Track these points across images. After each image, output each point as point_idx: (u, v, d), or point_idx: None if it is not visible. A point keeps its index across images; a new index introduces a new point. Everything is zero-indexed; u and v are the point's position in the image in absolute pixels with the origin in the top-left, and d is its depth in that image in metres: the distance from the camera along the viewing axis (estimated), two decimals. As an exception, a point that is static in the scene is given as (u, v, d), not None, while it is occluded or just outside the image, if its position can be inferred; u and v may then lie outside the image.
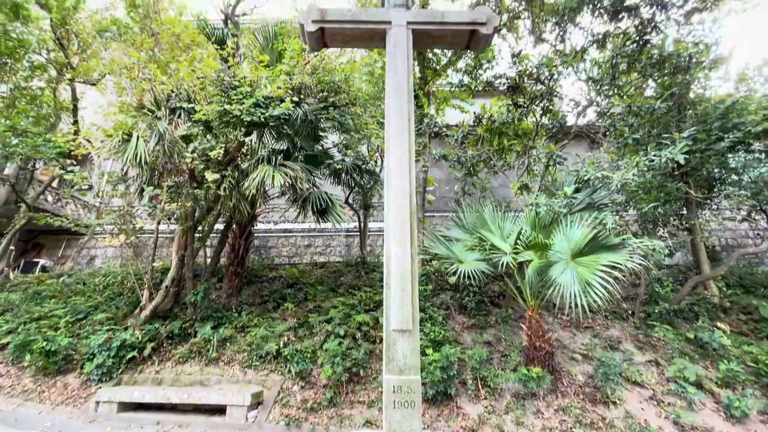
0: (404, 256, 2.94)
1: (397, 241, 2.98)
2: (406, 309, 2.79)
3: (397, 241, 2.98)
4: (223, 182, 6.59)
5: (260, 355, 6.88)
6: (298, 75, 6.69)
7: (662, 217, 7.30)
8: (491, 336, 7.27)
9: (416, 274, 2.96)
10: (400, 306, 2.80)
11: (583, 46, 7.68)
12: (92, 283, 9.97)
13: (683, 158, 5.34)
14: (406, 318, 2.77)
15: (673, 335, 6.91)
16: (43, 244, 14.52)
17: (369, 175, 9.56)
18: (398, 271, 2.90)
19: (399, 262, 2.92)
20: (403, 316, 2.77)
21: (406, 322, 2.76)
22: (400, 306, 2.80)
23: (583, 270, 5.18)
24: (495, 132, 9.19)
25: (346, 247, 13.36)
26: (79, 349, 7.12)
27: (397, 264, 2.93)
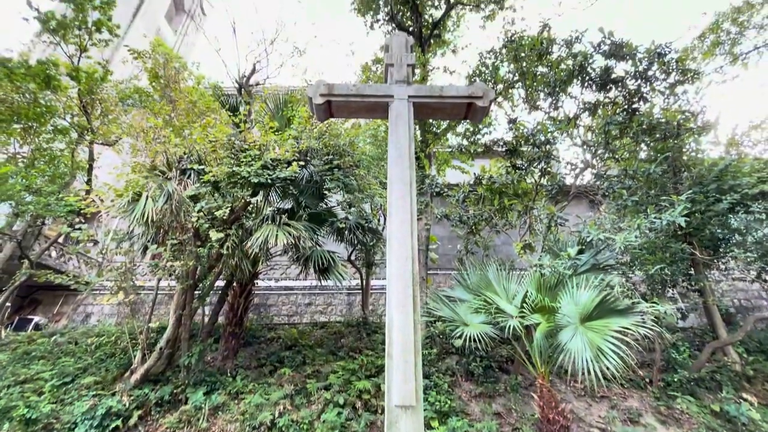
0: (407, 324, 2.85)
1: (400, 308, 2.92)
2: (409, 383, 2.64)
3: (399, 309, 2.91)
4: (227, 241, 6.64)
5: (253, 426, 6.41)
6: (305, 140, 7.03)
7: (670, 278, 7.16)
8: (501, 406, 6.80)
9: (420, 344, 2.85)
10: (403, 379, 2.66)
11: (575, 113, 8.12)
12: (84, 343, 9.63)
13: (684, 221, 5.37)
14: (409, 393, 2.61)
15: (697, 407, 6.44)
16: (40, 300, 14.30)
17: (372, 234, 9.63)
18: (401, 341, 2.80)
19: (402, 331, 2.83)
20: (407, 391, 2.62)
21: (410, 397, 2.60)
22: (403, 379, 2.66)
23: (594, 335, 4.97)
24: (495, 192, 9.38)
25: (348, 305, 13.04)
26: (61, 417, 6.67)
27: (400, 333, 2.83)
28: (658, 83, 7.61)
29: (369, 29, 12.97)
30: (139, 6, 27.36)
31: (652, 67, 7.33)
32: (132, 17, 26.20)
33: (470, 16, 13.43)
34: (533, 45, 8.40)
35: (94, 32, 9.58)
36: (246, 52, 11.53)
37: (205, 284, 8.36)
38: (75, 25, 9.32)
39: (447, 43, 13.32)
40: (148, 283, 10.31)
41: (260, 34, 17.29)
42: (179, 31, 33.93)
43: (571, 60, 8.01)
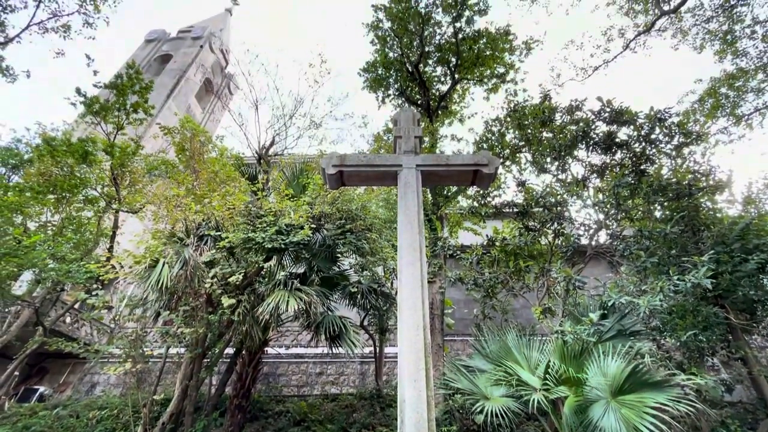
0: (419, 401, 2.68)
1: (412, 382, 2.76)
2: None
3: (411, 383, 2.76)
4: (239, 307, 6.59)
5: None
6: (318, 205, 7.26)
7: (707, 345, 6.63)
8: (532, 498, 6.02)
9: (434, 423, 2.65)
10: None
11: (583, 175, 8.24)
12: (86, 417, 9.24)
13: (710, 283, 5.12)
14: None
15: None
16: (48, 368, 14.05)
17: (385, 298, 9.43)
18: (413, 420, 2.60)
19: (414, 409, 2.65)
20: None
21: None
22: None
23: (629, 412, 4.52)
24: (510, 253, 9.24)
25: (361, 375, 12.36)
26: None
27: (412, 411, 2.65)
28: (663, 145, 7.76)
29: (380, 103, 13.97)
30: (173, 88, 30.41)
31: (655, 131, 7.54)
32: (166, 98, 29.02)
33: (475, 89, 14.40)
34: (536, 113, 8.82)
35: (131, 113, 10.56)
36: (266, 126, 12.60)
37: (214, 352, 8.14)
38: (115, 107, 10.34)
39: (454, 114, 14.15)
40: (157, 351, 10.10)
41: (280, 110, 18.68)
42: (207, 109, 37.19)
43: (574, 126, 8.33)
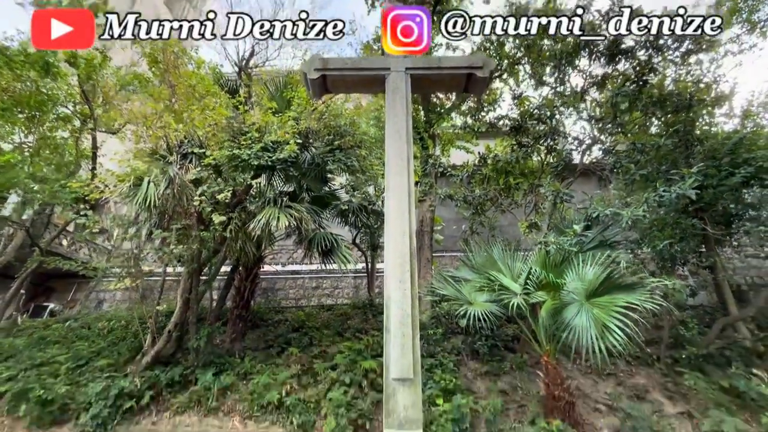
0: (404, 299, 2.82)
1: (397, 283, 2.87)
2: (406, 356, 2.62)
3: (396, 284, 2.87)
4: (230, 224, 6.64)
5: (261, 405, 6.54)
6: (305, 120, 6.92)
7: (680, 254, 7.01)
8: (506, 384, 6.83)
9: (417, 318, 2.82)
10: (401, 353, 2.63)
11: (582, 87, 7.85)
12: (97, 328, 9.87)
13: (694, 194, 5.20)
14: (406, 366, 2.59)
15: (705, 383, 6.37)
16: (54, 287, 14.63)
17: (376, 216, 9.57)
18: (398, 315, 2.76)
19: (399, 306, 2.79)
20: (404, 364, 2.60)
21: (407, 370, 2.58)
22: (401, 353, 2.63)
23: (600, 312, 4.91)
24: (501, 171, 9.21)
25: (354, 288, 13.12)
26: (76, 398, 6.87)
27: (397, 307, 2.79)
28: (671, 53, 7.28)
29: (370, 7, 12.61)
30: (138, -8, 27.09)
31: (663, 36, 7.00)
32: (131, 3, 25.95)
33: (474, -10, 12.95)
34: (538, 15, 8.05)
35: (92, 17, 9.45)
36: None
37: (211, 268, 8.44)
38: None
39: (450, 20, 12.91)
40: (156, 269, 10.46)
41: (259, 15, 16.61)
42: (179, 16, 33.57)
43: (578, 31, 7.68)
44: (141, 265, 7.70)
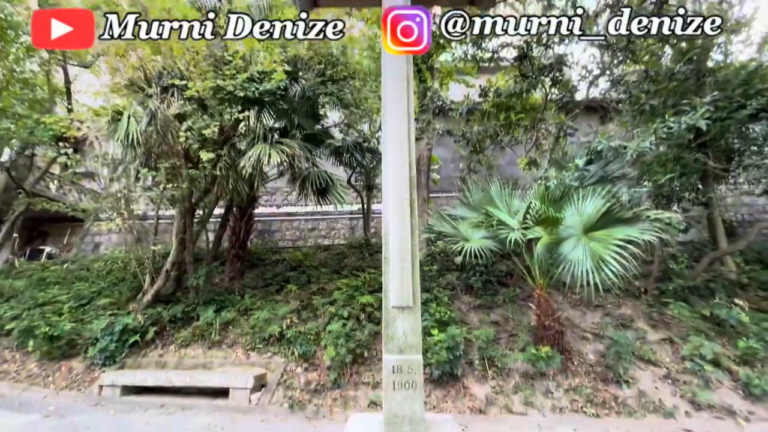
0: (404, 229, 2.71)
1: (397, 213, 2.75)
2: (406, 285, 2.58)
3: (396, 214, 2.75)
4: (219, 162, 6.38)
5: (263, 338, 6.79)
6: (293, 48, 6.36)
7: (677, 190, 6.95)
8: (498, 316, 7.09)
9: (417, 248, 2.74)
10: (400, 282, 2.59)
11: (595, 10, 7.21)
12: (95, 269, 9.95)
13: (705, 124, 4.98)
14: (406, 294, 2.56)
15: (688, 313, 6.66)
16: (48, 231, 14.55)
17: (371, 154, 9.28)
18: (397, 245, 2.68)
19: (398, 236, 2.70)
20: (403, 293, 2.56)
21: (406, 298, 2.55)
22: (400, 282, 2.59)
23: (596, 245, 4.92)
24: (502, 107, 8.79)
25: (350, 229, 13.18)
26: (82, 334, 7.09)
27: (397, 238, 2.70)
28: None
29: None
30: None
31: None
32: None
33: None
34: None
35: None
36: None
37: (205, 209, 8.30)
38: None
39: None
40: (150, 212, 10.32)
41: None
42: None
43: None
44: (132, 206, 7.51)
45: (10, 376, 6.71)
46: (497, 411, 5.31)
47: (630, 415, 5.10)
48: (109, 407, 5.63)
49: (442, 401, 5.54)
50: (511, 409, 5.29)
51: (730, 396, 5.33)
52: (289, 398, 5.67)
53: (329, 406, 5.52)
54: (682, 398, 5.30)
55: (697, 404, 5.17)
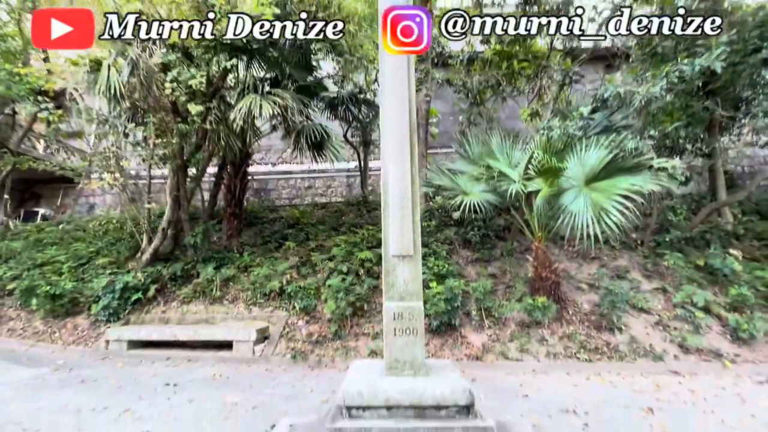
0: (403, 175, 2.59)
1: (396, 159, 2.62)
2: (406, 233, 2.50)
3: (395, 160, 2.62)
4: (209, 115, 6.10)
5: (264, 293, 6.88)
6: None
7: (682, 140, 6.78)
8: (496, 269, 7.17)
9: (417, 195, 2.64)
10: (400, 230, 2.51)
11: None
12: (92, 230, 9.88)
13: (720, 66, 4.72)
14: (406, 242, 2.49)
15: (683, 263, 6.75)
16: (40, 194, 14.32)
17: (368, 107, 8.93)
18: (397, 193, 2.57)
19: (398, 183, 2.58)
20: (403, 241, 2.49)
21: (407, 246, 2.49)
22: (400, 230, 2.51)
23: (598, 196, 4.84)
24: (504, 55, 8.34)
25: (348, 187, 13.04)
26: (84, 292, 7.15)
27: (396, 185, 2.59)
28: None
29: None
30: None
31: None
32: None
33: None
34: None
35: None
36: None
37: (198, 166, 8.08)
38: None
39: None
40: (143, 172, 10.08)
41: None
42: None
43: None
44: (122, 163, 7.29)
45: (17, 333, 6.84)
46: (493, 358, 5.50)
47: (621, 359, 5.30)
48: (116, 360, 5.79)
49: (440, 350, 5.72)
50: (507, 356, 5.47)
51: (718, 340, 5.53)
52: (291, 349, 5.84)
53: (331, 356, 5.70)
54: (671, 343, 5.49)
55: (685, 348, 5.37)
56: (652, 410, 3.66)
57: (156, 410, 3.76)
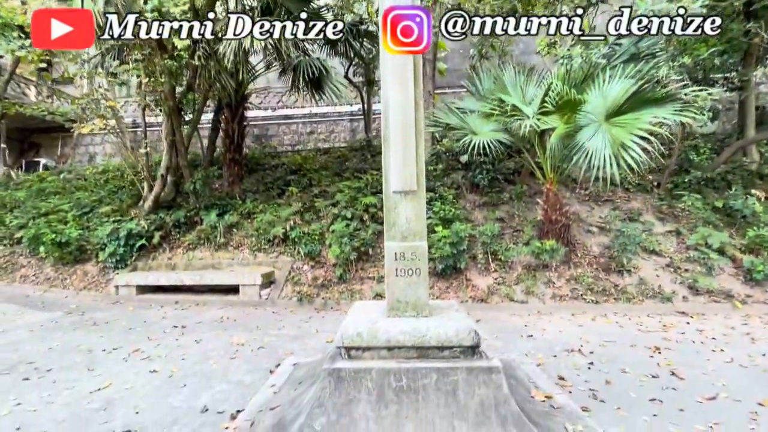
0: (406, 101, 2.29)
1: (397, 82, 2.30)
2: (408, 166, 2.26)
3: (396, 83, 2.30)
4: (197, 49, 5.61)
5: (268, 239, 6.83)
6: None
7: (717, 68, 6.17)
8: (504, 213, 6.98)
9: (422, 124, 2.35)
10: (402, 163, 2.26)
11: None
12: (93, 179, 9.77)
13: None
14: (409, 177, 2.26)
15: (701, 204, 6.47)
16: (39, 143, 14.07)
17: (370, 42, 8.21)
18: (399, 121, 2.29)
19: (399, 109, 2.29)
20: (406, 175, 2.26)
21: (409, 181, 2.26)
22: (402, 163, 2.26)
23: (619, 131, 4.46)
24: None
25: (351, 132, 12.54)
26: (90, 240, 7.17)
27: (398, 112, 2.30)
28: None
29: None
30: None
31: None
32: None
33: None
34: None
35: None
36: None
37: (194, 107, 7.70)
38: None
39: None
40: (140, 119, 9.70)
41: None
42: None
43: None
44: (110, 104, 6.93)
45: (30, 280, 7.00)
46: (498, 300, 5.49)
47: (628, 301, 5.24)
48: (127, 305, 5.91)
49: (444, 292, 5.71)
50: (513, 298, 5.45)
51: (730, 282, 5.41)
52: (297, 293, 5.88)
53: (336, 299, 5.74)
54: (681, 285, 5.40)
55: (695, 290, 5.27)
56: (658, 349, 3.62)
57: (164, 350, 3.83)
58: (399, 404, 1.82)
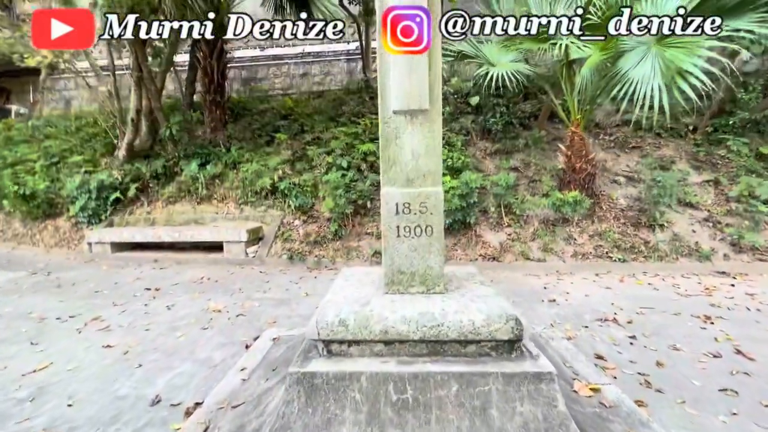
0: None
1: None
2: (416, 74, 1.49)
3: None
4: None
5: (255, 191, 6.15)
6: None
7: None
8: (519, 161, 6.21)
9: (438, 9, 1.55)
10: (407, 70, 1.49)
11: None
12: (64, 126, 8.88)
13: None
14: (416, 90, 1.49)
15: (746, 150, 5.67)
16: (8, 89, 12.94)
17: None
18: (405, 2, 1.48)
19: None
20: (412, 87, 1.49)
21: (416, 97, 1.50)
22: (407, 70, 1.49)
23: (676, 53, 3.58)
24: None
25: (348, 74, 11.34)
26: (60, 193, 6.50)
27: None
28: None
29: None
30: None
31: None
32: None
33: None
34: None
35: None
36: None
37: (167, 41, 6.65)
38: None
39: None
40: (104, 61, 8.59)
41: None
42: None
43: None
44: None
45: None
46: (512, 258, 4.90)
47: (660, 259, 4.64)
48: (101, 263, 5.37)
49: (451, 250, 5.12)
50: (528, 256, 4.86)
51: (777, 237, 4.77)
52: (288, 250, 5.30)
53: (331, 257, 5.17)
54: (722, 241, 4.76)
55: (739, 247, 4.64)
56: (709, 318, 3.05)
57: (128, 318, 3.29)
58: (401, 428, 1.22)
